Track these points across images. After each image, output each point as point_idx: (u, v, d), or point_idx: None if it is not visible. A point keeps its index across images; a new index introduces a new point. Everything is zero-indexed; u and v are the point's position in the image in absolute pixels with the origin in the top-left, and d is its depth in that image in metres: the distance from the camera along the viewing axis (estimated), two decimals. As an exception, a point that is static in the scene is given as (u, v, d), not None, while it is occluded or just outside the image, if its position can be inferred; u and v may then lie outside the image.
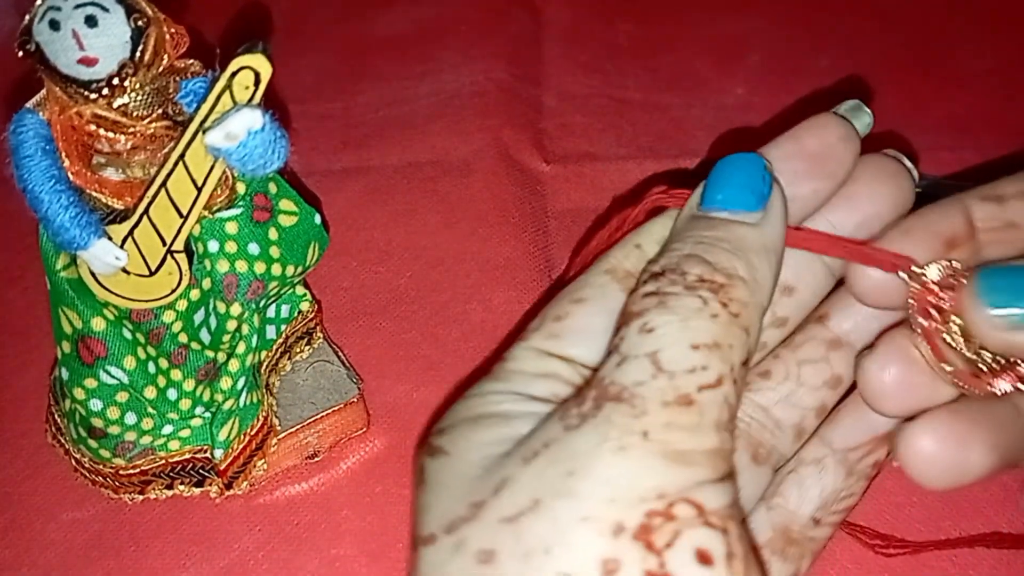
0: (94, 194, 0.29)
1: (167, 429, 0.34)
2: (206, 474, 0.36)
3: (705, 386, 0.22)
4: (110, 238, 0.29)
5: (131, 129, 0.29)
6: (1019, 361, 0.25)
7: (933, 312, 0.26)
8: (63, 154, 0.29)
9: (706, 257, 0.24)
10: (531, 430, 0.23)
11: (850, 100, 0.29)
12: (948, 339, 0.26)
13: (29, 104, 0.29)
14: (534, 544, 0.21)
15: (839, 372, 0.29)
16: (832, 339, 0.29)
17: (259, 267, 0.33)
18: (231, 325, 0.34)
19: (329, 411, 0.37)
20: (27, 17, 0.27)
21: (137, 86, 0.28)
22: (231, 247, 0.32)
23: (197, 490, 0.36)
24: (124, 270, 0.30)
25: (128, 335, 0.32)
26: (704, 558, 0.21)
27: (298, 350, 0.39)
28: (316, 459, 0.37)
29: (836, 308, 0.30)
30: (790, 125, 0.29)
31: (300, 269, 0.35)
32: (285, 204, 0.34)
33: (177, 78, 0.29)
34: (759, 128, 0.51)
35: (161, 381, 0.33)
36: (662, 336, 0.23)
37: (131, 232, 0.30)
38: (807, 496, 0.29)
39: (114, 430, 0.33)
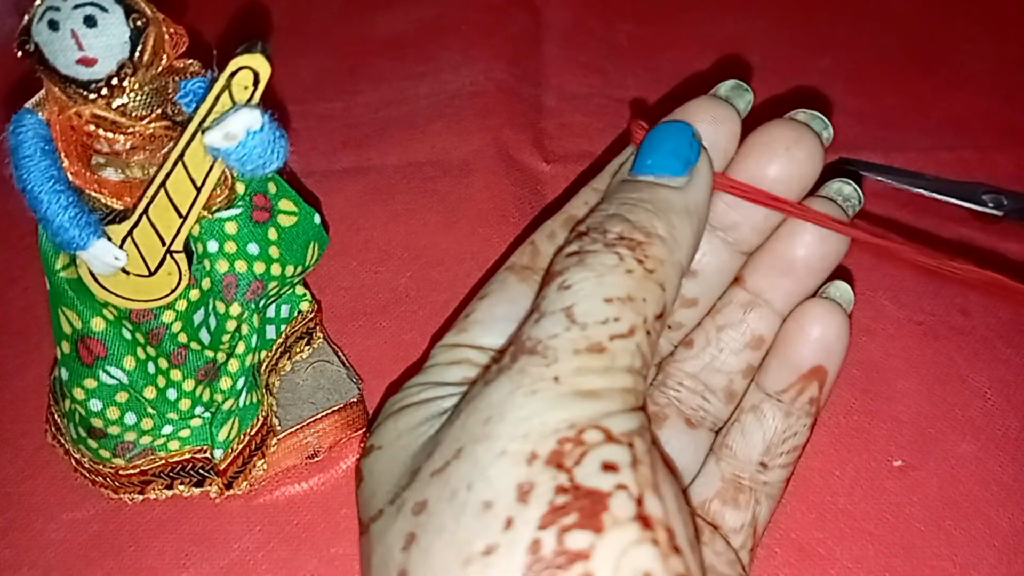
0: (93, 194, 0.29)
1: (167, 429, 0.34)
2: (206, 474, 0.36)
3: (617, 335, 0.24)
4: (109, 238, 0.29)
5: (130, 129, 0.29)
6: None
7: None
8: (62, 154, 0.29)
9: (627, 216, 0.26)
10: (457, 400, 0.26)
11: (730, 80, 0.31)
12: None
13: (28, 104, 0.29)
14: (458, 484, 0.23)
15: (759, 332, 0.31)
16: (748, 300, 0.31)
17: (258, 267, 0.33)
18: (231, 325, 0.34)
19: (329, 411, 0.37)
20: (26, 17, 0.27)
21: (136, 86, 0.28)
22: (230, 247, 0.32)
23: (197, 490, 0.36)
24: (123, 270, 0.30)
25: (128, 335, 0.32)
26: (609, 467, 0.22)
27: (298, 350, 0.39)
28: (316, 459, 0.37)
29: (749, 271, 0.31)
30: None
31: (300, 269, 0.35)
32: (284, 204, 0.34)
33: (176, 78, 0.29)
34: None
35: (161, 381, 0.33)
36: (577, 291, 0.25)
37: (130, 232, 0.30)
38: (751, 442, 0.30)
39: (114, 430, 0.33)
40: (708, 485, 0.30)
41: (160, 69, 0.29)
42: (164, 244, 0.30)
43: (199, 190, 0.29)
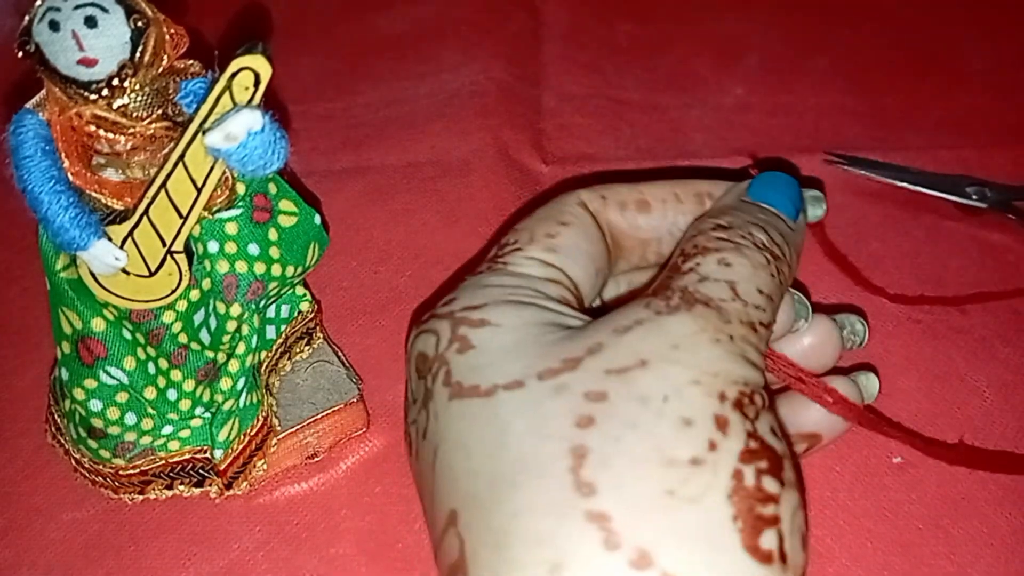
0: (94, 195, 0.29)
1: (167, 429, 0.34)
2: (206, 474, 0.36)
3: (762, 324, 0.26)
4: (110, 239, 0.29)
5: (131, 130, 0.29)
6: None
7: None
8: (63, 155, 0.29)
9: (767, 230, 0.28)
10: (606, 315, 0.26)
11: (812, 191, 0.33)
12: None
13: (29, 104, 0.29)
14: (648, 392, 0.23)
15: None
16: None
17: (259, 268, 0.33)
18: (231, 326, 0.34)
19: (329, 411, 0.37)
20: (27, 18, 0.27)
21: (137, 87, 0.28)
22: (231, 248, 0.32)
23: (197, 490, 0.36)
24: (124, 271, 0.30)
25: (128, 336, 0.32)
26: (775, 433, 0.25)
27: (298, 350, 0.39)
28: (316, 459, 0.37)
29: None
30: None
31: (300, 270, 0.35)
32: (285, 204, 0.34)
33: (177, 79, 0.29)
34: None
35: (161, 381, 0.33)
36: (738, 271, 0.26)
37: (131, 233, 0.30)
38: None
39: (114, 430, 0.33)
40: None
41: (161, 70, 0.29)
42: (164, 244, 0.30)
43: (200, 191, 0.29)
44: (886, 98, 0.53)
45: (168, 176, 0.29)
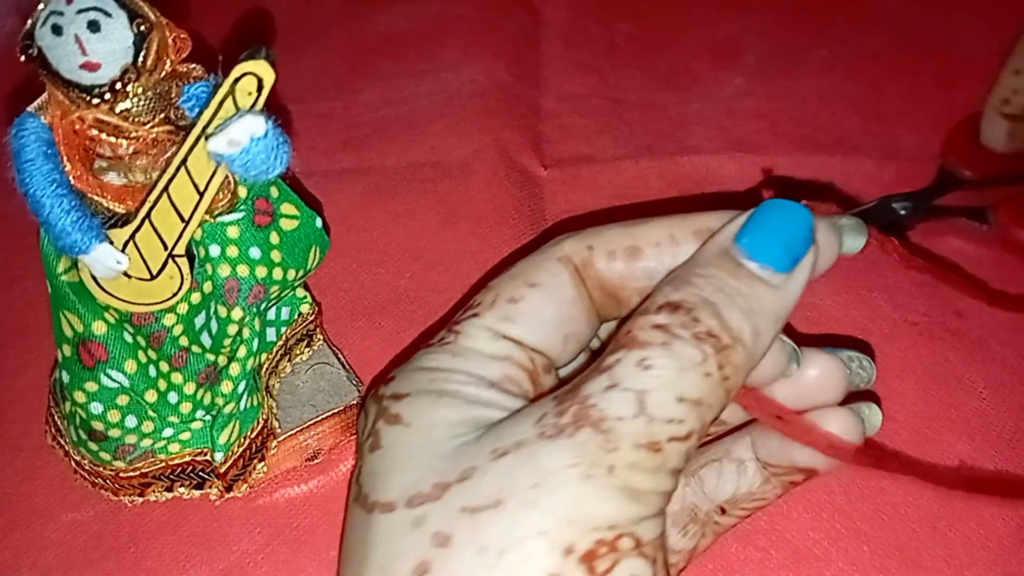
0: (96, 198, 0.29)
1: (167, 432, 0.35)
2: (206, 476, 0.36)
3: (675, 438, 0.23)
4: (111, 242, 0.29)
5: (133, 134, 0.29)
6: None
7: None
8: (65, 158, 0.29)
9: (721, 311, 0.25)
10: (502, 421, 0.25)
11: (850, 220, 0.29)
12: None
13: (31, 108, 0.29)
14: (490, 542, 0.22)
15: None
16: None
17: (260, 271, 0.33)
18: (232, 329, 0.34)
19: (329, 413, 0.37)
20: (29, 21, 0.27)
21: (139, 91, 0.28)
22: (232, 251, 0.32)
23: (197, 492, 0.36)
24: (125, 274, 0.30)
25: (129, 339, 0.32)
26: None
27: (298, 352, 0.39)
28: (316, 461, 0.37)
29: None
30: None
31: (301, 273, 0.35)
32: (286, 208, 0.34)
33: (179, 83, 0.29)
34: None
35: (162, 384, 0.33)
36: (655, 378, 0.24)
37: (132, 236, 0.30)
38: (722, 487, 0.30)
39: (114, 433, 0.33)
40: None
41: (163, 74, 0.28)
42: (166, 248, 0.30)
43: (202, 195, 0.29)
44: (885, 97, 0.53)
45: (170, 180, 0.29)
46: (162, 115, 0.29)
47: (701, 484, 0.30)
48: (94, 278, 0.30)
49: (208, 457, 0.35)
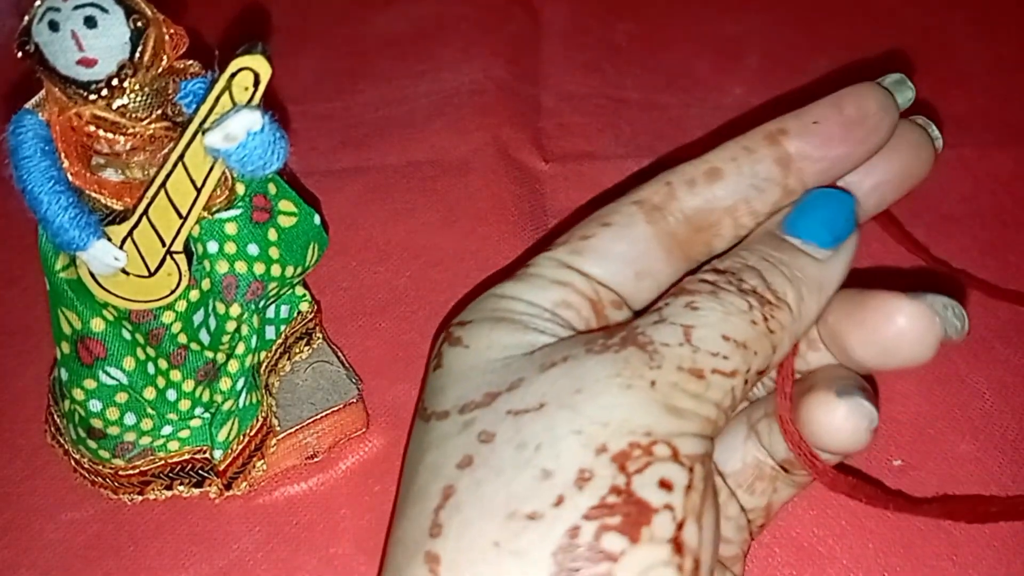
0: (93, 195, 0.29)
1: (166, 430, 0.34)
2: (205, 474, 0.36)
3: (719, 371, 0.25)
4: (109, 239, 0.29)
5: (130, 130, 0.28)
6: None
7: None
8: (62, 155, 0.29)
9: (764, 275, 0.27)
10: (554, 342, 0.26)
11: (894, 74, 0.30)
12: None
13: (28, 105, 0.29)
14: (528, 439, 0.24)
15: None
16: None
17: (258, 268, 0.33)
18: (230, 326, 0.34)
19: (328, 411, 0.37)
20: (26, 18, 0.27)
21: (136, 87, 0.28)
22: (230, 248, 0.32)
23: (196, 490, 0.36)
24: (123, 271, 0.30)
25: (127, 336, 0.32)
26: (665, 485, 0.23)
27: (297, 350, 0.39)
28: (315, 459, 0.37)
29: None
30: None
31: (299, 270, 0.35)
32: (284, 205, 0.34)
33: (176, 79, 0.29)
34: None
35: (160, 382, 0.33)
36: (702, 316, 0.25)
37: (130, 233, 0.30)
38: (775, 443, 0.30)
39: (113, 431, 0.33)
40: (730, 459, 0.30)
41: (160, 70, 0.28)
42: (164, 245, 0.30)
43: (199, 191, 0.29)
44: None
45: (168, 176, 0.29)
46: (159, 111, 0.29)
47: (758, 438, 0.30)
48: (92, 275, 0.30)
49: (207, 455, 0.35)
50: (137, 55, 0.27)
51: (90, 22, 0.27)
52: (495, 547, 0.23)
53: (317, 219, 0.35)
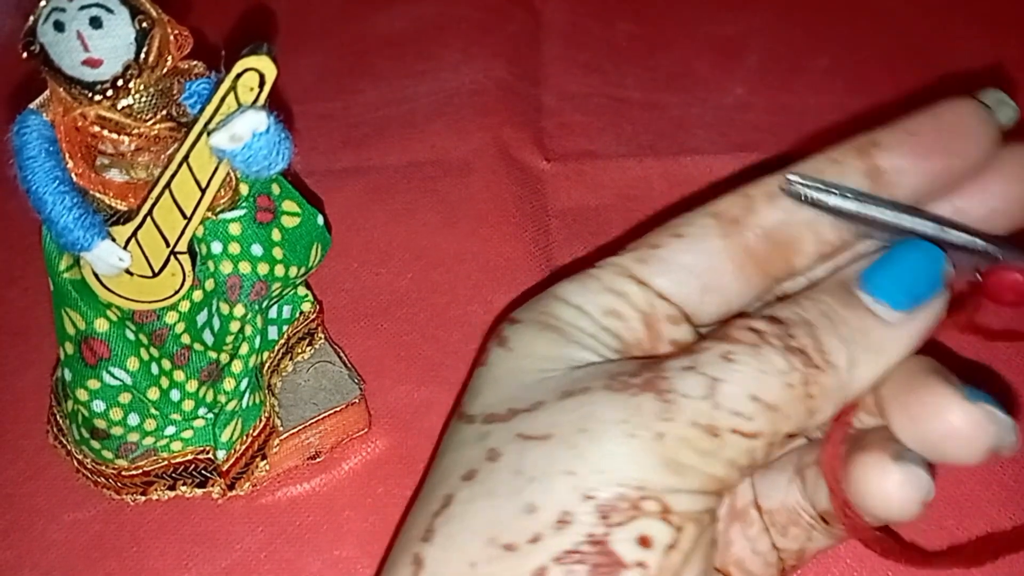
0: (98, 195, 0.29)
1: (170, 430, 0.34)
2: (208, 475, 0.36)
3: (739, 431, 0.24)
4: (114, 239, 0.29)
5: (135, 130, 0.28)
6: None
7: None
8: (67, 155, 0.29)
9: (819, 333, 0.25)
10: (585, 367, 0.25)
11: (993, 90, 0.28)
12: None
13: (33, 105, 0.29)
14: (527, 467, 0.24)
15: None
16: None
17: (262, 268, 0.33)
18: (234, 326, 0.34)
19: (331, 412, 0.37)
20: (31, 18, 0.27)
21: (141, 87, 0.28)
22: (234, 248, 0.32)
23: (199, 491, 0.36)
24: (127, 271, 0.30)
25: (131, 336, 0.32)
26: (645, 542, 0.23)
27: (300, 351, 0.39)
28: (318, 460, 0.37)
29: None
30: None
31: (303, 270, 0.35)
32: (288, 205, 0.34)
33: (181, 79, 0.29)
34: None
35: (164, 382, 0.33)
36: (734, 371, 0.24)
37: (135, 233, 0.30)
38: (819, 493, 0.28)
39: (117, 431, 0.33)
40: (771, 497, 0.29)
41: (165, 70, 0.28)
42: (168, 245, 0.30)
43: (204, 191, 0.29)
44: (886, 98, 0.53)
45: (172, 177, 0.29)
46: (164, 112, 0.29)
47: (803, 483, 0.29)
48: (96, 275, 0.30)
49: (210, 455, 0.35)
50: (142, 56, 0.27)
51: (96, 23, 0.27)
52: (471, 567, 0.23)
53: (320, 219, 0.35)
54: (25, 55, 0.27)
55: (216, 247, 0.32)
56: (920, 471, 0.25)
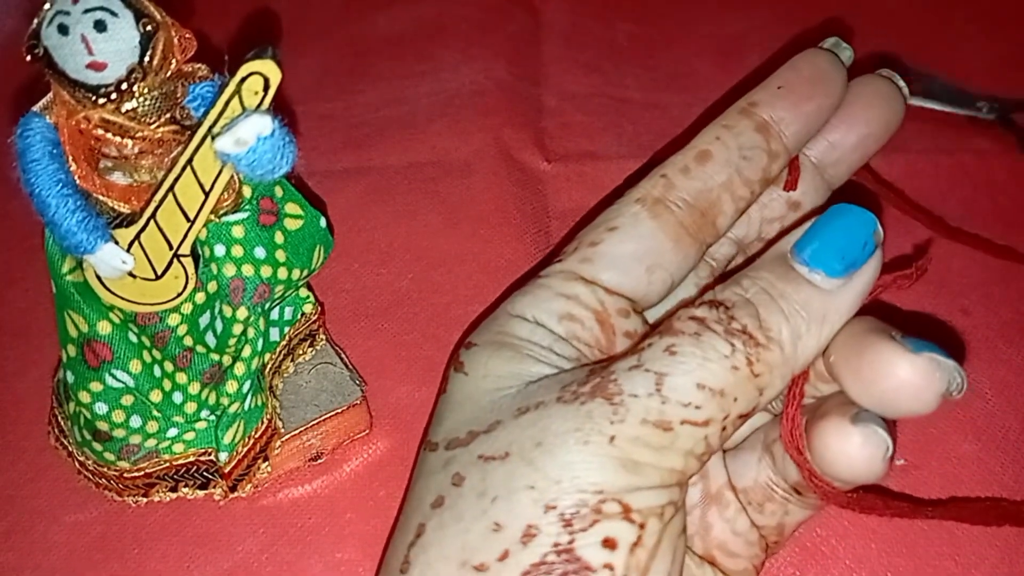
0: (101, 198, 0.29)
1: (172, 432, 0.34)
2: (210, 476, 0.36)
3: (689, 421, 0.24)
4: (117, 242, 0.29)
5: (139, 133, 0.28)
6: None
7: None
8: (70, 158, 0.28)
9: (760, 311, 0.26)
10: (540, 380, 0.26)
11: (831, 37, 0.32)
12: None
13: (36, 108, 0.29)
14: (489, 488, 0.24)
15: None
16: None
17: (265, 271, 0.33)
18: (237, 329, 0.33)
19: (332, 413, 0.37)
20: (35, 21, 0.27)
21: (145, 91, 0.28)
22: (237, 251, 0.32)
23: (201, 492, 0.36)
24: (130, 274, 0.30)
25: (134, 338, 0.32)
26: (609, 543, 0.23)
27: (301, 352, 0.39)
28: (319, 461, 0.37)
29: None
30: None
31: (306, 272, 0.35)
32: (291, 207, 0.34)
33: (185, 82, 0.29)
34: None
35: (166, 384, 0.33)
36: (678, 363, 0.25)
37: (138, 236, 0.30)
38: (789, 465, 0.29)
39: (119, 433, 0.33)
40: (744, 475, 0.30)
41: (169, 73, 0.28)
42: (171, 248, 0.30)
43: (207, 194, 0.29)
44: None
45: (176, 180, 0.29)
46: (168, 115, 0.29)
47: (772, 459, 0.29)
48: (99, 278, 0.30)
49: (212, 457, 0.35)
50: (146, 59, 0.27)
51: (100, 26, 0.26)
52: None
53: (323, 222, 0.35)
54: (29, 58, 0.27)
55: (219, 250, 0.32)
56: (878, 429, 0.26)
